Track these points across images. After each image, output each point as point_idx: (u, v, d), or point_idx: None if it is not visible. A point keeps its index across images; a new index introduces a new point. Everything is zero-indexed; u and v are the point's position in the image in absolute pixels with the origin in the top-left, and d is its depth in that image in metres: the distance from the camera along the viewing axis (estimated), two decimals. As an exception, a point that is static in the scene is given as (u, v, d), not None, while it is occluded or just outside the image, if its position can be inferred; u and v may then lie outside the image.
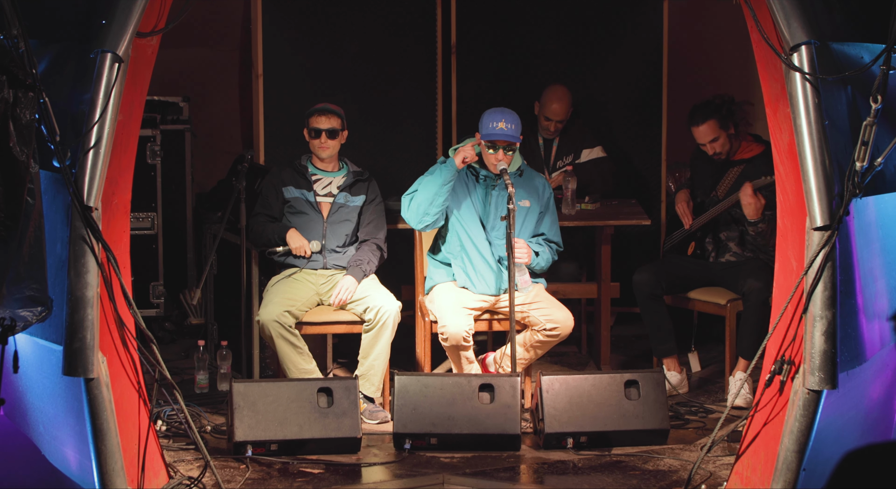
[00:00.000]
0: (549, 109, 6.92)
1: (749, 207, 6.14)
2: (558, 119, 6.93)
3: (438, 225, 6.06)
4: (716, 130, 6.26)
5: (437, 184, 5.92)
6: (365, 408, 5.94)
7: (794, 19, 4.57)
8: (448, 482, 5.24)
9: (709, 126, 6.26)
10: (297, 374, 5.89)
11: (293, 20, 7.02)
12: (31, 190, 4.22)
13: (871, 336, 4.73)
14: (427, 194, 5.92)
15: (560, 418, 5.57)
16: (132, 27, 4.56)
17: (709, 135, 6.27)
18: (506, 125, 5.91)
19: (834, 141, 4.57)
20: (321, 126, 6.12)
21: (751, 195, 6.11)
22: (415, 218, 5.98)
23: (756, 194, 6.11)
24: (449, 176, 5.91)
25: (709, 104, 6.28)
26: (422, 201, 5.94)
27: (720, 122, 6.25)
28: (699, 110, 6.29)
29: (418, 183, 6.03)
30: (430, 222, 6.00)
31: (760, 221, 6.19)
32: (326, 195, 6.21)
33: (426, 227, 6.05)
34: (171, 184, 7.09)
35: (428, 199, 5.93)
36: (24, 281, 4.25)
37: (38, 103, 4.28)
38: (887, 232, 4.81)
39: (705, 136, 6.28)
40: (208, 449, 5.16)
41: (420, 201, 5.94)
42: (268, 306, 5.94)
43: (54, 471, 4.73)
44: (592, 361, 6.91)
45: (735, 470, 5.01)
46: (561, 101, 6.92)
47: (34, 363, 4.70)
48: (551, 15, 7.28)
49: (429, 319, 6.11)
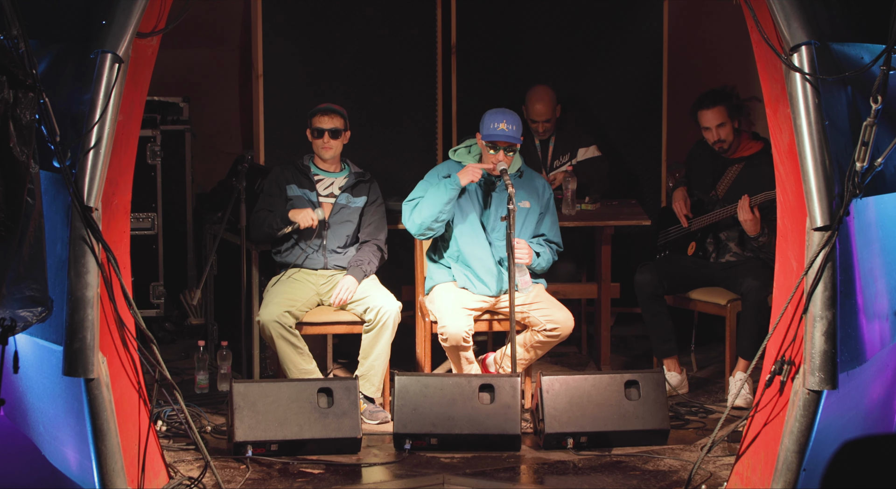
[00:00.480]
0: (532, 111, 6.93)
1: (747, 224, 6.14)
2: (543, 119, 6.93)
3: (439, 234, 6.08)
4: (724, 116, 6.25)
5: (442, 202, 5.92)
6: (365, 409, 5.94)
7: (794, 19, 4.57)
8: (448, 482, 5.24)
9: (718, 111, 6.25)
10: (298, 375, 5.89)
11: (293, 20, 7.02)
12: (31, 190, 4.22)
13: (871, 336, 4.73)
14: (430, 211, 5.92)
15: (560, 418, 5.57)
16: (132, 27, 4.56)
17: (716, 119, 6.26)
18: (507, 126, 5.91)
19: (834, 141, 4.57)
20: (324, 126, 6.12)
21: (748, 211, 6.10)
22: (415, 229, 5.99)
23: (753, 210, 6.10)
24: (454, 195, 5.92)
25: (720, 91, 6.29)
26: (425, 217, 5.94)
27: (729, 111, 6.26)
28: (709, 95, 6.28)
29: (420, 190, 6.02)
30: (431, 235, 6.03)
31: (760, 235, 6.18)
32: (328, 195, 6.21)
33: (425, 238, 6.07)
34: (171, 184, 7.09)
35: (431, 216, 5.93)
36: (25, 281, 4.25)
37: (38, 103, 4.27)
38: (887, 232, 4.80)
39: (713, 119, 6.26)
40: (208, 449, 5.16)
41: (423, 217, 5.94)
42: (268, 307, 5.93)
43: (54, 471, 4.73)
44: (592, 361, 6.91)
45: (735, 470, 5.01)
46: (542, 101, 6.92)
47: (34, 363, 4.70)
48: (551, 15, 7.28)
49: (429, 320, 6.11)
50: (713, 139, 6.31)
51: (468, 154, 6.14)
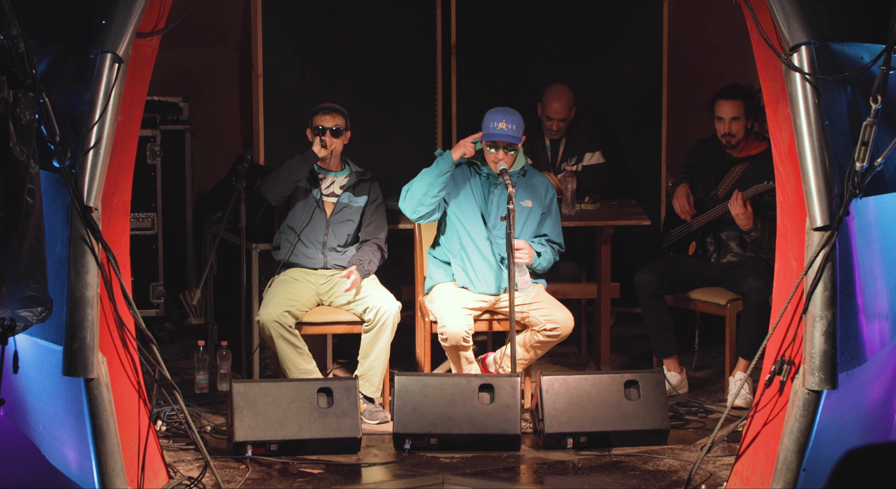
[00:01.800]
0: (550, 109, 6.93)
1: (739, 218, 6.14)
2: (560, 118, 6.93)
3: (434, 218, 6.05)
4: (741, 111, 6.25)
5: (433, 175, 5.91)
6: (365, 409, 5.94)
7: (793, 19, 4.57)
8: (448, 482, 5.24)
9: (737, 104, 6.24)
10: (297, 374, 5.89)
11: (293, 20, 7.02)
12: (31, 190, 4.22)
13: (870, 336, 4.73)
14: (422, 184, 5.92)
15: (560, 418, 5.57)
16: (132, 27, 4.56)
17: (733, 111, 6.25)
18: (506, 125, 5.91)
19: (834, 141, 4.57)
20: (326, 124, 6.12)
21: (740, 206, 6.10)
22: (409, 208, 5.97)
23: (745, 204, 6.10)
24: (445, 167, 5.90)
25: (745, 88, 6.30)
26: (416, 191, 5.93)
27: (746, 108, 6.26)
28: (733, 88, 6.28)
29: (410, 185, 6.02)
30: (425, 213, 5.98)
31: (753, 230, 6.18)
32: (330, 194, 6.21)
33: (421, 219, 6.03)
34: (171, 184, 7.09)
35: (423, 190, 5.92)
36: (24, 281, 4.25)
37: (37, 103, 4.27)
38: (887, 232, 4.80)
39: (729, 111, 6.25)
40: (208, 449, 5.17)
41: (415, 192, 5.93)
42: (268, 306, 5.93)
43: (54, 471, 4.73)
44: (592, 361, 6.91)
45: (735, 470, 5.01)
46: (561, 100, 6.92)
47: (34, 363, 4.70)
48: (551, 15, 7.29)
49: (429, 319, 6.11)
50: (723, 131, 6.29)
51: (468, 154, 6.14)
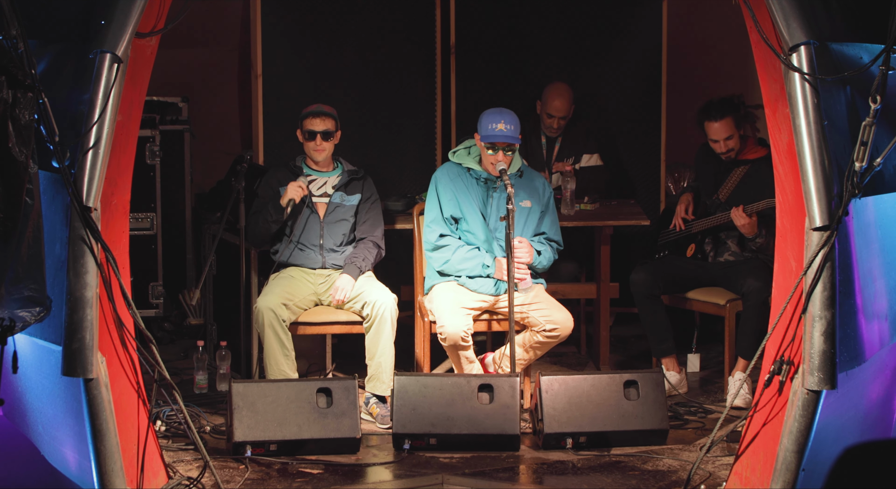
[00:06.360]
0: (551, 106, 6.93)
1: (744, 228, 6.16)
2: (560, 115, 6.94)
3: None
4: (731, 128, 6.24)
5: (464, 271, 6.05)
6: (378, 414, 5.93)
7: (793, 19, 4.57)
8: (447, 482, 5.24)
9: (727, 123, 6.22)
10: (276, 374, 5.88)
11: (292, 20, 7.02)
12: (29, 190, 4.22)
13: (870, 336, 4.73)
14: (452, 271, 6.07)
15: (559, 418, 5.57)
16: (131, 27, 4.56)
17: (724, 132, 6.24)
18: (505, 126, 5.91)
19: (833, 141, 4.57)
20: (316, 128, 6.12)
21: (743, 217, 6.11)
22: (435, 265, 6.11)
23: (750, 216, 6.11)
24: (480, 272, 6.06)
25: (727, 101, 6.24)
26: (448, 271, 6.07)
27: (736, 121, 6.24)
28: (716, 106, 6.23)
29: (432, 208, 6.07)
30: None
31: (758, 236, 6.19)
32: (322, 195, 6.21)
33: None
34: (171, 184, 7.09)
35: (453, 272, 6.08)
36: (23, 281, 4.25)
37: (37, 104, 4.27)
38: (886, 232, 4.81)
39: (721, 132, 6.25)
40: (207, 449, 5.17)
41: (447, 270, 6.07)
42: (267, 295, 5.94)
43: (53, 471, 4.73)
44: (592, 361, 6.91)
45: (734, 470, 5.02)
46: (562, 98, 6.93)
47: (33, 363, 4.70)
48: (551, 15, 7.29)
49: (428, 319, 6.11)
50: (721, 150, 6.30)
51: (468, 155, 6.14)
